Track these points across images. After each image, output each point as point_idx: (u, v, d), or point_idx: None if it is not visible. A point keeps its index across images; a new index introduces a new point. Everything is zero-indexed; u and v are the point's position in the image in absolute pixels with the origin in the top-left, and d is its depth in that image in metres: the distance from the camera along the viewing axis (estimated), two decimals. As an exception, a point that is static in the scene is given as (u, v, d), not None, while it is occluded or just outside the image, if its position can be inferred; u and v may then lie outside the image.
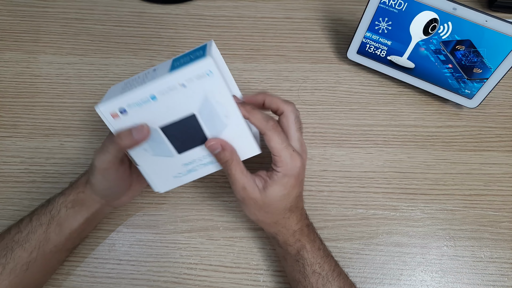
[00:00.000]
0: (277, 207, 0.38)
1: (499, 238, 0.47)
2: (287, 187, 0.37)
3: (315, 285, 0.38)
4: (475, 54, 0.48)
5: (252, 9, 0.62)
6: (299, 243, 0.39)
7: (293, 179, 0.37)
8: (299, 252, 0.39)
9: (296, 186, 0.38)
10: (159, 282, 0.44)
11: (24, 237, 0.38)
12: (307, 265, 0.39)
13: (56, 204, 0.39)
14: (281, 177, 0.37)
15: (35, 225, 0.38)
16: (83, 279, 0.44)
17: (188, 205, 0.48)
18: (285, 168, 0.36)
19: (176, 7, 0.62)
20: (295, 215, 0.39)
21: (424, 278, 0.45)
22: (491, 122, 0.54)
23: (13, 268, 0.37)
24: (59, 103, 0.53)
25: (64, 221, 0.39)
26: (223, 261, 0.45)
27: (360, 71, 0.57)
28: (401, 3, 0.48)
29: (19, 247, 0.37)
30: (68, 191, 0.40)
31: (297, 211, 0.40)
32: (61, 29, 0.59)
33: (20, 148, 0.50)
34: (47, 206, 0.40)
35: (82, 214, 0.40)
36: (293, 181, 0.37)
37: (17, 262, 0.37)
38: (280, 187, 0.37)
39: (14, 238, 0.38)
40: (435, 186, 0.50)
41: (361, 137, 0.52)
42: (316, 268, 0.38)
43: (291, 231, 0.39)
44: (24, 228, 0.38)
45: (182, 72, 0.33)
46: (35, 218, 0.39)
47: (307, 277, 0.38)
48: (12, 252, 0.37)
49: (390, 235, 0.47)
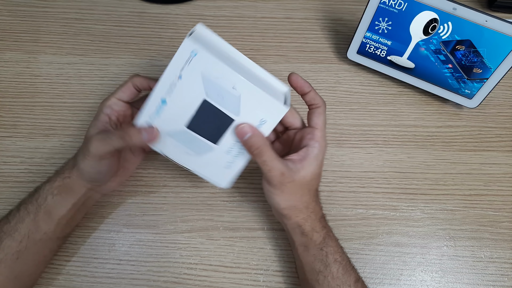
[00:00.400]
0: (311, 187, 0.39)
1: (499, 238, 0.47)
2: (320, 165, 0.39)
3: (336, 274, 0.38)
4: (475, 54, 0.48)
5: (252, 9, 0.62)
6: (325, 230, 0.39)
7: (322, 158, 0.39)
8: (325, 240, 0.39)
9: (322, 167, 0.39)
10: (159, 282, 0.44)
11: (12, 226, 0.38)
12: (331, 253, 0.39)
13: (42, 192, 0.39)
14: (317, 154, 0.38)
15: (22, 214, 0.38)
16: (83, 279, 0.44)
17: (188, 205, 0.48)
18: (321, 145, 0.38)
19: (176, 7, 0.62)
20: (319, 199, 0.41)
21: (424, 278, 0.45)
22: (491, 122, 0.54)
23: (3, 258, 0.37)
24: (59, 103, 0.53)
25: (52, 208, 0.39)
26: (223, 261, 0.45)
27: (360, 71, 0.57)
28: (401, 3, 0.48)
29: (8, 237, 0.37)
30: (53, 178, 0.40)
31: (319, 196, 0.41)
32: (61, 29, 0.59)
33: (20, 148, 0.50)
34: (33, 194, 0.39)
35: (69, 199, 0.40)
36: (322, 160, 0.39)
37: (7, 252, 0.37)
38: (316, 165, 0.38)
39: (2, 228, 0.38)
40: (435, 186, 0.50)
41: (361, 137, 0.52)
42: (337, 257, 0.39)
43: (319, 216, 0.40)
44: (12, 218, 0.38)
45: (172, 64, 0.34)
46: (22, 208, 0.39)
47: (329, 266, 0.38)
48: (1, 243, 0.37)
49: (390, 235, 0.47)
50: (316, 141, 0.38)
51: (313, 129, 0.38)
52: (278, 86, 0.38)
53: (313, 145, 0.38)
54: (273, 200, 0.38)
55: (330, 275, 0.38)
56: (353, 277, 0.39)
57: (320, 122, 0.39)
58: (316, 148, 0.38)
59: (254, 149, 0.36)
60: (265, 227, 0.47)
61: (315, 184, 0.39)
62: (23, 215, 0.38)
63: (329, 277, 0.38)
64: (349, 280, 0.38)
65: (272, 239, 0.46)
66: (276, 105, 0.35)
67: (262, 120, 0.36)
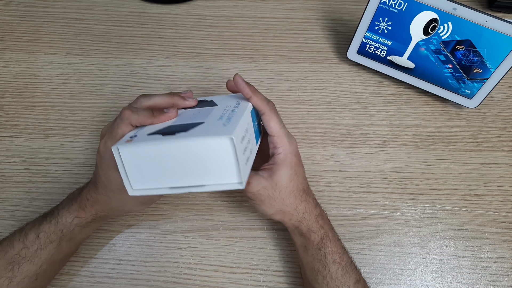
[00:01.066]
0: (292, 189, 0.38)
1: (499, 238, 0.47)
2: (293, 165, 0.38)
3: (334, 274, 0.38)
4: (475, 54, 0.48)
5: (252, 9, 0.62)
6: (322, 230, 0.39)
7: (295, 157, 0.38)
8: (322, 240, 0.39)
9: (300, 164, 0.39)
10: (159, 282, 0.44)
11: (32, 253, 0.37)
12: (329, 254, 0.39)
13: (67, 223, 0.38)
14: (284, 157, 0.38)
15: (44, 243, 0.38)
16: (83, 279, 0.44)
17: (188, 205, 0.48)
18: (285, 147, 0.38)
19: (176, 7, 0.62)
20: (311, 197, 0.40)
21: (424, 278, 0.45)
22: (491, 122, 0.54)
23: (20, 281, 0.37)
24: (59, 103, 0.53)
25: (77, 235, 0.40)
26: (223, 261, 0.45)
27: (360, 71, 0.57)
28: (401, 3, 0.48)
29: (26, 261, 0.37)
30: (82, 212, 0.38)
31: (311, 194, 0.41)
32: (61, 29, 0.59)
33: (20, 148, 0.50)
34: (55, 223, 0.38)
35: (95, 227, 0.41)
36: (296, 159, 0.38)
37: (25, 276, 0.37)
38: (286, 167, 0.38)
39: (20, 253, 0.37)
40: (435, 186, 0.50)
41: (361, 137, 0.52)
42: (336, 257, 0.39)
43: (314, 216, 0.40)
44: (31, 245, 0.37)
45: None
46: (42, 236, 0.38)
47: (327, 266, 0.38)
48: (20, 267, 0.37)
49: (390, 235, 0.47)
50: (276, 147, 0.38)
51: (271, 137, 0.38)
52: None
53: (276, 151, 0.38)
54: (259, 210, 0.39)
55: (329, 275, 0.38)
56: (353, 278, 0.38)
57: (271, 128, 0.37)
58: (281, 154, 0.38)
59: None
60: (265, 227, 0.47)
61: (296, 184, 0.39)
62: (45, 244, 0.38)
63: (328, 278, 0.38)
64: (349, 281, 0.38)
65: (272, 239, 0.46)
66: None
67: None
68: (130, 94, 0.54)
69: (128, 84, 0.55)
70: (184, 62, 0.57)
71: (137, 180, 0.32)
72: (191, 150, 0.30)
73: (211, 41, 0.59)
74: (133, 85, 0.55)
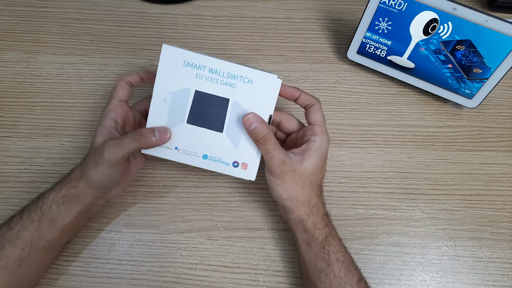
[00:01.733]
0: (313, 180, 0.39)
1: (499, 238, 0.47)
2: (322, 159, 0.39)
3: (338, 273, 0.38)
4: (475, 54, 0.48)
5: (252, 9, 0.62)
6: (327, 228, 0.40)
7: (325, 153, 0.40)
8: (327, 238, 0.39)
9: (325, 162, 0.40)
10: (159, 282, 0.44)
11: (15, 234, 0.38)
12: (333, 252, 0.39)
13: (46, 200, 0.39)
14: (318, 148, 0.39)
15: (25, 222, 0.38)
16: (83, 279, 0.44)
17: (188, 205, 0.48)
18: (322, 139, 0.39)
19: (176, 7, 0.62)
20: (322, 196, 0.41)
21: (424, 278, 0.45)
22: (491, 122, 0.54)
23: (4, 264, 0.37)
24: (59, 103, 0.53)
25: (56, 216, 0.39)
26: (223, 261, 0.45)
27: (360, 71, 0.57)
28: (401, 3, 0.48)
29: (9, 244, 0.37)
30: (59, 187, 0.40)
31: (322, 193, 0.41)
32: (61, 29, 0.59)
33: (20, 148, 0.50)
34: (37, 202, 0.39)
35: (75, 208, 0.40)
36: (325, 155, 0.40)
37: (9, 259, 0.37)
38: (317, 158, 0.39)
39: (4, 235, 0.38)
40: (435, 186, 0.50)
41: (361, 137, 0.52)
42: (340, 256, 0.39)
43: (321, 213, 0.40)
44: (14, 225, 0.38)
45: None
46: (25, 215, 0.38)
47: (331, 264, 0.38)
48: (3, 249, 0.37)
49: (390, 235, 0.47)
50: (316, 135, 0.39)
51: (312, 125, 0.40)
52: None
53: (313, 139, 0.39)
54: (275, 190, 0.39)
55: (332, 274, 0.38)
56: (355, 277, 0.39)
57: (317, 118, 0.40)
58: (317, 142, 0.39)
59: (260, 137, 0.37)
60: (265, 227, 0.47)
61: (317, 178, 0.40)
62: (26, 223, 0.38)
63: (331, 276, 0.38)
64: (352, 280, 0.38)
65: (272, 239, 0.46)
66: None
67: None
68: (130, 94, 0.54)
69: (128, 84, 0.55)
70: (184, 62, 0.57)
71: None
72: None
73: (211, 41, 0.59)
74: (133, 85, 0.55)
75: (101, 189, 0.40)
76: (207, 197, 0.48)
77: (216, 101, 0.38)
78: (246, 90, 0.38)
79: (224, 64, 0.37)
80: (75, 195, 0.39)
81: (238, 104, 0.38)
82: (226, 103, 0.38)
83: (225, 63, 0.37)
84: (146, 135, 0.37)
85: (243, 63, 0.38)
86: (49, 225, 0.38)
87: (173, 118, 0.39)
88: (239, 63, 0.38)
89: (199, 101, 0.38)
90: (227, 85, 0.38)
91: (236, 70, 0.37)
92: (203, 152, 0.40)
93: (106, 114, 0.40)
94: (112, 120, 0.40)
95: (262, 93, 0.38)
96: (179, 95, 0.38)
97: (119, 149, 0.37)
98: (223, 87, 0.38)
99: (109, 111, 0.40)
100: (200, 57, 0.37)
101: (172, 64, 0.37)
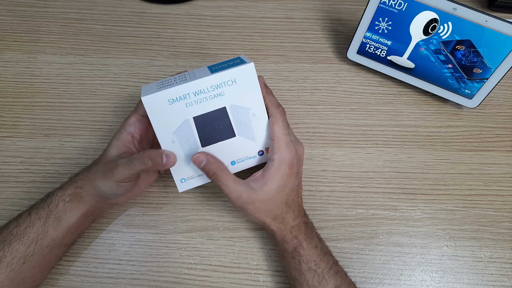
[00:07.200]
0: (275, 201, 0.38)
1: (499, 238, 0.47)
2: (283, 177, 0.38)
3: (311, 282, 0.38)
4: (475, 54, 0.48)
5: (252, 9, 0.62)
6: (296, 240, 0.39)
7: (288, 168, 0.38)
8: (296, 249, 0.39)
9: (291, 176, 0.39)
10: (159, 282, 0.44)
11: (22, 230, 0.38)
12: (303, 262, 0.39)
13: (54, 198, 0.39)
14: (278, 166, 0.38)
15: (33, 219, 0.38)
16: (83, 279, 0.44)
17: (188, 205, 0.48)
18: (281, 155, 0.38)
19: (176, 7, 0.62)
20: (291, 210, 0.40)
21: (424, 278, 0.45)
22: (491, 122, 0.54)
23: (10, 261, 0.37)
24: (59, 103, 0.53)
25: (62, 215, 0.39)
26: (223, 261, 0.45)
27: (360, 71, 0.57)
28: (401, 3, 0.48)
29: (16, 240, 0.37)
30: (66, 185, 0.40)
31: (295, 206, 0.40)
32: (61, 29, 0.59)
33: (20, 148, 0.50)
34: (46, 200, 0.40)
35: (79, 208, 0.40)
36: (288, 170, 0.38)
37: (14, 256, 0.37)
38: (278, 178, 0.38)
39: (12, 231, 0.38)
40: (435, 186, 0.50)
41: (361, 137, 0.52)
42: (311, 265, 0.39)
43: (289, 227, 0.40)
44: (22, 222, 0.38)
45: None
46: (34, 212, 0.39)
47: (303, 274, 0.39)
48: (10, 246, 0.37)
49: (390, 235, 0.47)
50: (274, 153, 0.38)
51: (272, 141, 0.39)
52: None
53: (272, 157, 0.38)
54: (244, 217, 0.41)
55: (305, 282, 0.38)
56: (331, 284, 0.38)
57: (275, 132, 0.38)
58: (275, 160, 0.38)
59: (211, 174, 0.38)
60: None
61: (280, 197, 0.39)
62: (34, 220, 0.38)
63: (305, 285, 0.38)
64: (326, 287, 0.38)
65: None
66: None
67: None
68: (130, 94, 0.54)
69: (128, 84, 0.55)
70: (184, 62, 0.57)
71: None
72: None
73: (211, 41, 0.59)
74: (133, 85, 0.55)
75: (104, 199, 0.40)
76: (207, 197, 0.48)
77: (215, 115, 0.39)
78: (234, 90, 0.38)
79: (203, 82, 0.37)
80: (80, 195, 0.40)
81: (234, 106, 0.39)
82: (225, 111, 0.39)
83: (203, 80, 0.37)
84: (154, 159, 0.37)
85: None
86: (55, 223, 0.39)
87: (189, 150, 0.39)
88: (215, 69, 0.38)
89: (201, 124, 0.39)
90: (217, 96, 0.38)
91: (216, 80, 0.37)
92: (230, 160, 0.41)
93: (125, 127, 0.40)
94: (129, 134, 0.40)
95: (247, 84, 0.38)
96: (182, 130, 0.38)
97: (128, 170, 0.37)
98: (214, 100, 0.38)
99: (129, 124, 0.40)
100: (180, 88, 0.37)
101: (160, 109, 0.37)
